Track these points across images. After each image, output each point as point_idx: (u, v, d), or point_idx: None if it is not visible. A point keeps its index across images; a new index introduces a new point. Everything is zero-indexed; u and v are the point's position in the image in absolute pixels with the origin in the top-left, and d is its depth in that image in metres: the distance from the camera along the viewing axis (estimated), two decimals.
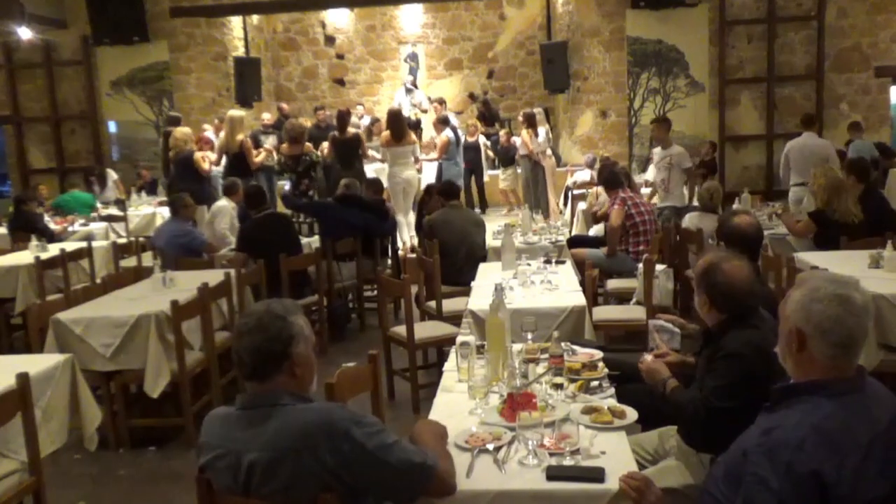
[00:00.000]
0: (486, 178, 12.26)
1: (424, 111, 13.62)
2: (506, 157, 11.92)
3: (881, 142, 11.06)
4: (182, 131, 8.95)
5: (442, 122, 10.28)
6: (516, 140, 10.56)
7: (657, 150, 8.03)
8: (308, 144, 8.76)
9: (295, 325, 2.09)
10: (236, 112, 9.29)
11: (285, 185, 9.77)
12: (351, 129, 9.37)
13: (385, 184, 9.09)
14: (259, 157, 9.03)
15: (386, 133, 9.18)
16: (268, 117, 11.91)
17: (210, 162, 8.77)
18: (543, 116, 11.20)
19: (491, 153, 12.48)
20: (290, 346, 2.06)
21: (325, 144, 9.44)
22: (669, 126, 8.30)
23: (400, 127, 9.09)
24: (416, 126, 12.45)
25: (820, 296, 1.80)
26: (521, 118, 10.61)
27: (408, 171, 9.18)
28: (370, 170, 9.85)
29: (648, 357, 2.93)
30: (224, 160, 8.99)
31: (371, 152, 9.82)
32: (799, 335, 1.81)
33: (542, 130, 10.66)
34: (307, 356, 2.12)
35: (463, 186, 10.08)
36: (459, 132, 11.22)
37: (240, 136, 8.74)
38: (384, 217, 7.20)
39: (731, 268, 2.67)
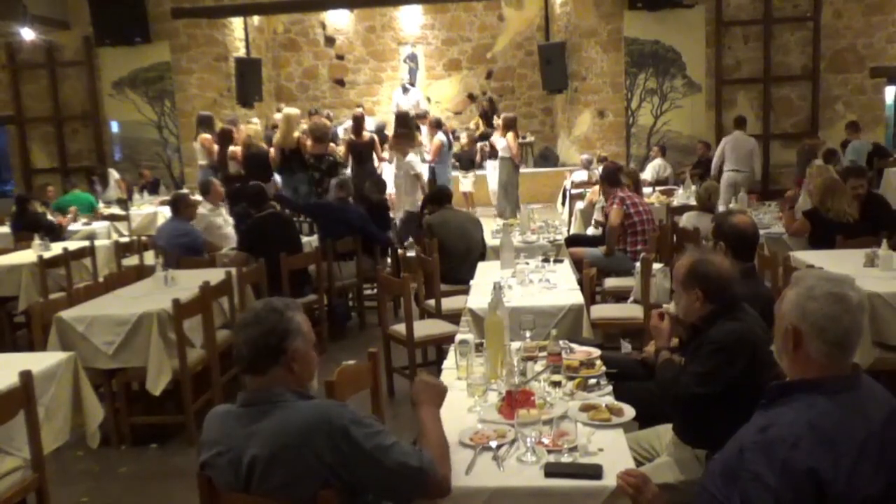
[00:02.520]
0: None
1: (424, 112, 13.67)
2: (468, 160, 12.04)
3: (876, 142, 11.12)
4: (254, 129, 9.10)
5: (435, 126, 10.39)
6: (499, 142, 10.62)
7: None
8: (332, 144, 8.84)
9: (292, 321, 2.11)
10: (292, 110, 9.38)
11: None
12: (366, 133, 9.52)
13: (390, 185, 9.21)
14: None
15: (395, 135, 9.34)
16: (279, 117, 11.96)
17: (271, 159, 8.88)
18: None
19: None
20: (286, 341, 2.08)
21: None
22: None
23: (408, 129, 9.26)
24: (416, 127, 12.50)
25: (815, 294, 1.80)
26: (500, 122, 10.69)
27: (414, 171, 9.31)
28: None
29: (668, 308, 2.97)
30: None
31: (384, 154, 9.94)
32: (795, 333, 1.81)
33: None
34: (305, 352, 2.13)
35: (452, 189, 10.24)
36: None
37: (296, 134, 8.81)
38: (384, 224, 7.24)
39: (717, 259, 2.76)
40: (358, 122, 9.45)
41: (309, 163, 8.58)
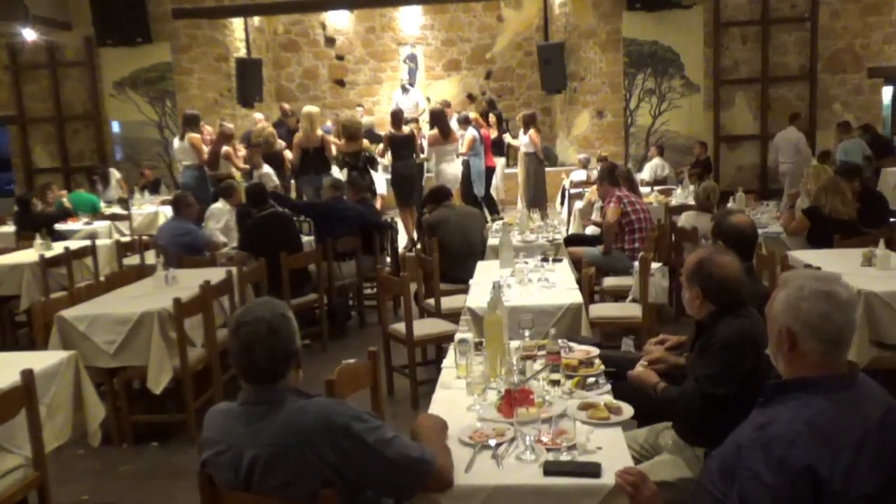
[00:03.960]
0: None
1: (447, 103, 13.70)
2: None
3: (873, 127, 11.14)
4: (269, 130, 9.17)
5: (464, 122, 10.46)
6: (521, 139, 10.65)
7: None
8: (365, 141, 8.88)
9: (293, 321, 2.14)
10: (314, 108, 9.44)
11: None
12: (405, 128, 9.64)
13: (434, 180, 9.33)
14: (335, 151, 9.18)
15: (434, 132, 9.51)
16: (260, 116, 12.00)
17: (288, 160, 8.90)
18: None
19: None
20: (296, 343, 2.12)
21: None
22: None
23: (446, 126, 9.32)
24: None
25: (805, 294, 1.80)
26: (519, 120, 10.70)
27: (453, 168, 9.54)
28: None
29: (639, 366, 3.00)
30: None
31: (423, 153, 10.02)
32: (789, 334, 1.82)
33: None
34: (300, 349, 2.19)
35: (485, 182, 10.43)
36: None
37: (319, 132, 8.80)
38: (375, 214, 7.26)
39: (724, 261, 2.74)
40: (397, 117, 9.59)
41: (345, 161, 8.59)
